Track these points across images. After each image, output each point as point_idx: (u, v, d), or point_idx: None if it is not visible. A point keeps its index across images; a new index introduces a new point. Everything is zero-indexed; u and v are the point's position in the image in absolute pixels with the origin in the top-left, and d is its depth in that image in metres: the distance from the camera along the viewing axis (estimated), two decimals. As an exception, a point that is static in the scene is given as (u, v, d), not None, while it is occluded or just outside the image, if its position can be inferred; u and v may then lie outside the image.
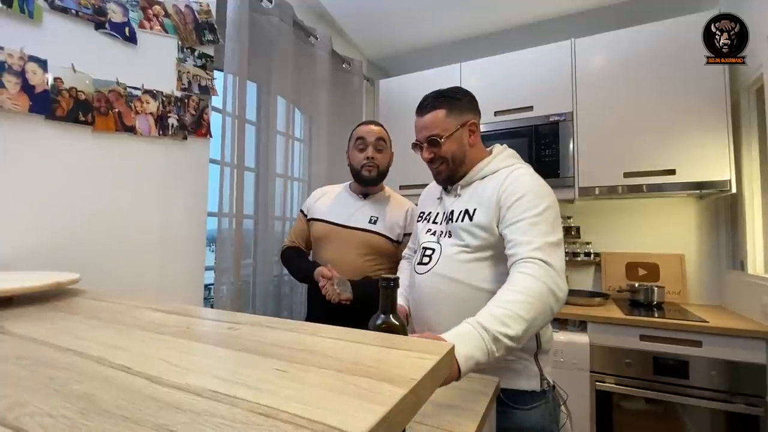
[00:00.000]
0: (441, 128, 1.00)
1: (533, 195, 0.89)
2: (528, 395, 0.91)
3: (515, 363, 0.92)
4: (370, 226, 1.35)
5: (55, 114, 1.00)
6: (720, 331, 1.49)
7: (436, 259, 0.98)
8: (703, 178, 1.75)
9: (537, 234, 0.83)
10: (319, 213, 1.43)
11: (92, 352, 0.41)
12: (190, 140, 1.34)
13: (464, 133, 1.01)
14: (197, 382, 0.33)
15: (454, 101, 1.00)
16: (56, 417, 0.27)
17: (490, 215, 0.91)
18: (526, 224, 0.85)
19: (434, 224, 1.06)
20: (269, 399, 0.29)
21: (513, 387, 0.90)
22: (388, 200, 1.44)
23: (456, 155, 1.01)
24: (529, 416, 0.89)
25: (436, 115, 1.00)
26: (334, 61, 2.28)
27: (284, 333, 0.49)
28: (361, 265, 1.32)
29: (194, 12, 1.36)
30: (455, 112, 1.00)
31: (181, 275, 1.32)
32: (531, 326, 0.75)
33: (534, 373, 0.92)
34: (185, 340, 0.46)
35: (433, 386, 0.37)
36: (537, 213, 0.86)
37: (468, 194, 1.00)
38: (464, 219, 0.96)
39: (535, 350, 0.93)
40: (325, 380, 0.34)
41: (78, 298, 0.73)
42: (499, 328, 0.72)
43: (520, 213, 0.87)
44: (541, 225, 0.85)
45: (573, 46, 2.03)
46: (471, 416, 0.69)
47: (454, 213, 0.99)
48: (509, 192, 0.90)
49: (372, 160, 1.36)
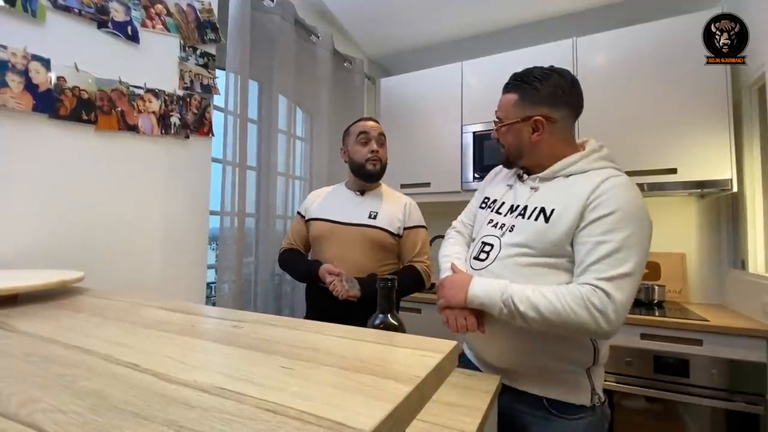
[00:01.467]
0: (504, 114, 0.96)
1: (623, 214, 0.80)
2: (575, 407, 0.86)
3: (565, 375, 0.87)
4: (370, 221, 1.36)
5: (59, 113, 1.01)
6: (721, 329, 1.50)
7: (494, 257, 0.92)
8: (704, 177, 1.75)
9: (613, 263, 0.77)
10: (317, 212, 1.43)
11: (99, 350, 0.41)
12: (193, 139, 1.35)
13: (526, 128, 0.92)
14: (204, 378, 0.33)
15: (530, 90, 0.91)
16: (67, 413, 0.27)
17: (570, 222, 0.83)
18: (606, 248, 0.78)
19: (498, 215, 0.97)
20: (276, 396, 0.30)
21: (561, 399, 0.86)
22: (386, 195, 1.45)
23: (512, 146, 0.95)
24: (573, 427, 0.85)
25: (507, 98, 0.96)
26: (336, 59, 2.28)
27: (288, 331, 0.49)
28: (364, 260, 1.32)
29: (196, 11, 1.36)
30: (526, 102, 0.92)
31: (184, 274, 1.32)
32: (544, 324, 0.79)
33: (585, 387, 0.87)
34: (190, 337, 0.47)
35: (438, 384, 0.38)
36: (621, 237, 0.78)
37: (547, 190, 0.90)
38: (539, 218, 0.87)
39: (590, 365, 0.87)
40: (330, 377, 0.34)
41: (82, 297, 0.73)
42: (515, 300, 0.80)
43: (602, 233, 0.79)
44: (620, 252, 0.78)
45: (574, 45, 2.03)
46: (473, 414, 0.69)
47: (528, 209, 0.90)
48: (598, 203, 0.81)
49: (376, 153, 1.37)
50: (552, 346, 0.86)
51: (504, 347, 0.90)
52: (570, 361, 0.86)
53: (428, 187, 2.36)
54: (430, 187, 2.36)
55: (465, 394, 0.78)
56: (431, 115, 2.40)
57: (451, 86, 2.33)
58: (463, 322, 0.87)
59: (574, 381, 0.86)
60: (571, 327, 0.78)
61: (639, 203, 0.82)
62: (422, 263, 1.39)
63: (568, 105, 0.92)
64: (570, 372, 0.87)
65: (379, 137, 1.39)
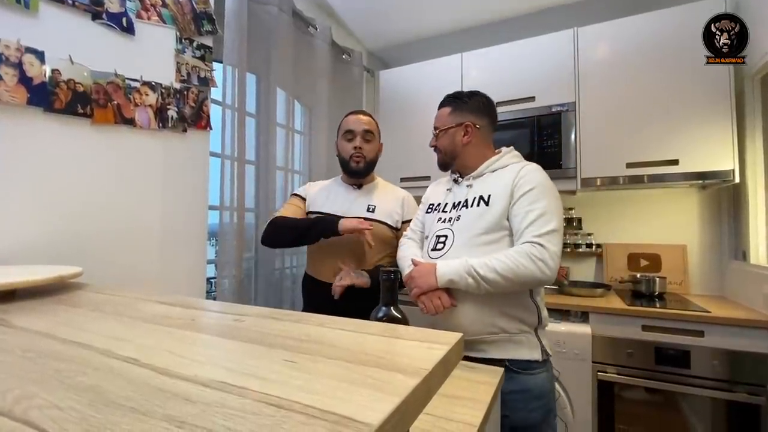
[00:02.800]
0: (441, 123, 1.19)
1: (541, 188, 1.04)
2: (532, 363, 1.03)
3: (518, 336, 1.04)
4: (369, 215, 1.35)
5: (54, 106, 0.99)
6: (722, 321, 1.50)
7: (450, 243, 1.08)
8: (706, 168, 1.74)
9: (541, 224, 0.99)
10: (317, 206, 1.41)
11: (97, 344, 0.40)
12: (190, 133, 1.33)
13: (458, 132, 1.16)
14: (205, 373, 0.32)
15: (460, 103, 1.17)
16: (64, 409, 0.27)
17: (505, 200, 1.04)
18: (534, 214, 1.00)
19: (444, 213, 1.16)
20: (279, 389, 0.29)
21: (518, 357, 1.03)
22: (382, 189, 1.44)
23: (447, 149, 1.18)
24: (535, 379, 1.02)
25: (442, 111, 1.20)
26: (334, 51, 2.25)
27: (290, 324, 0.48)
28: (365, 253, 1.31)
29: (192, 2, 1.34)
30: (458, 112, 1.17)
31: (183, 269, 1.31)
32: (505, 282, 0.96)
33: (535, 345, 1.05)
34: (190, 331, 0.46)
35: (444, 376, 0.37)
36: (543, 205, 1.01)
37: (480, 184, 1.12)
38: (479, 204, 1.08)
39: (536, 325, 1.06)
40: (335, 371, 0.33)
41: (81, 292, 0.72)
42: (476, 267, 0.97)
43: (529, 203, 1.02)
44: (545, 215, 1.00)
45: (575, 36, 2.01)
46: (477, 406, 0.69)
47: (468, 200, 1.11)
48: (523, 182, 1.04)
49: (360, 150, 1.35)
50: (507, 312, 1.03)
51: (470, 320, 1.04)
52: (520, 322, 1.04)
53: (428, 180, 2.35)
54: (431, 180, 2.34)
55: (467, 386, 0.78)
56: (431, 108, 2.33)
57: (451, 78, 2.31)
58: (438, 301, 1.02)
59: (527, 341, 1.04)
60: (524, 278, 0.95)
61: (549, 182, 1.07)
62: None
63: (488, 116, 1.18)
64: (523, 333, 1.04)
65: (365, 133, 1.36)
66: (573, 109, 1.98)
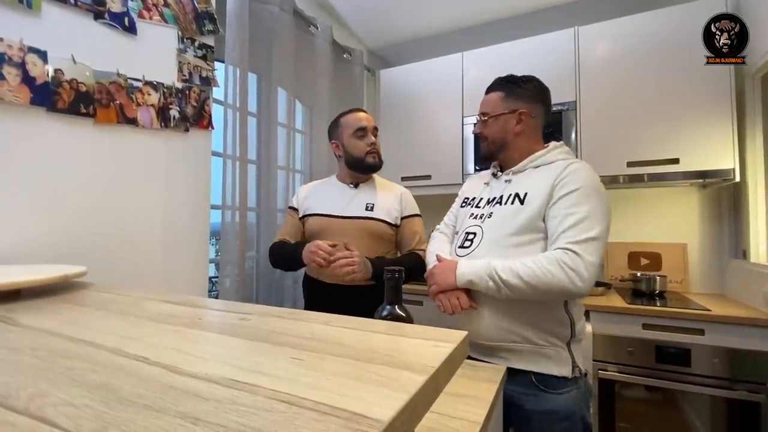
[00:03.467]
0: (491, 108, 1.07)
1: (586, 189, 0.93)
2: (560, 380, 0.93)
3: (547, 348, 0.94)
4: (367, 213, 1.35)
5: (57, 106, 0.99)
6: (722, 319, 1.50)
7: (478, 242, 1.01)
8: (706, 167, 1.75)
9: (580, 230, 0.89)
10: (312, 208, 1.40)
11: (106, 343, 0.41)
12: (192, 132, 1.33)
13: (511, 119, 1.05)
14: (215, 371, 0.33)
15: (515, 88, 1.06)
16: (79, 407, 0.27)
17: (542, 200, 0.95)
18: (573, 218, 0.90)
19: (477, 208, 1.09)
20: (289, 387, 0.29)
21: (545, 372, 0.93)
22: (380, 186, 1.44)
23: (496, 138, 1.07)
24: (561, 400, 0.92)
25: (493, 96, 1.08)
26: (335, 51, 2.25)
27: (295, 323, 0.49)
28: (365, 252, 1.31)
29: (194, 2, 1.34)
30: (512, 97, 1.05)
31: (185, 268, 1.32)
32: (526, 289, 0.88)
33: (566, 360, 0.94)
34: (197, 330, 0.46)
35: (450, 374, 0.37)
36: (586, 209, 0.91)
37: (519, 180, 1.03)
38: (514, 202, 0.99)
39: (569, 338, 0.95)
40: (343, 368, 0.34)
41: (85, 291, 0.73)
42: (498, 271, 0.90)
43: (569, 206, 0.92)
44: (586, 221, 0.90)
45: (576, 35, 2.01)
46: (480, 404, 0.69)
47: (503, 197, 1.02)
48: (566, 181, 0.94)
49: (374, 146, 1.36)
50: (534, 321, 0.94)
51: (490, 325, 0.97)
52: (551, 334, 0.94)
53: (429, 179, 2.35)
54: (431, 179, 2.35)
55: (470, 384, 0.78)
56: (432, 107, 2.38)
57: (452, 77, 2.31)
58: (456, 301, 0.96)
59: (556, 355, 0.94)
60: (550, 288, 0.87)
61: (598, 182, 0.96)
62: (423, 251, 1.38)
63: (544, 105, 1.08)
64: (552, 346, 0.94)
65: (374, 130, 1.39)
66: (574, 108, 1.99)
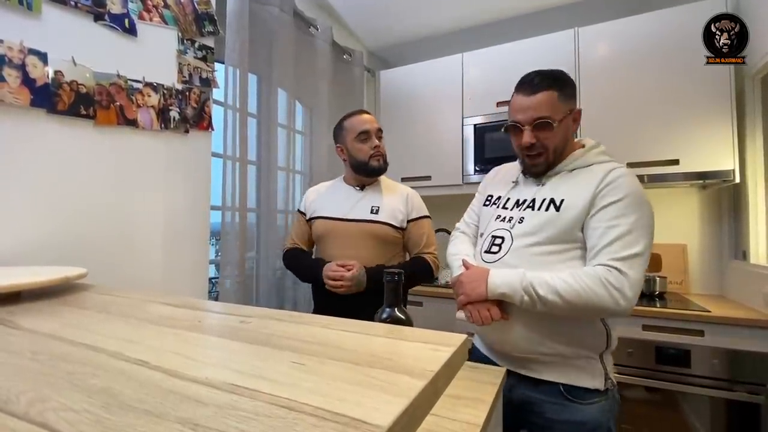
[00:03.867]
0: (553, 111, 0.91)
1: (631, 199, 0.86)
2: (590, 392, 0.89)
3: (580, 360, 0.89)
4: (372, 216, 1.34)
5: (57, 108, 1.00)
6: (722, 320, 1.50)
7: (506, 249, 0.94)
8: (706, 168, 1.75)
9: (624, 244, 0.82)
10: (318, 211, 1.41)
11: (107, 347, 0.41)
12: (192, 133, 1.33)
13: (570, 122, 0.94)
14: (216, 375, 0.33)
15: (566, 85, 0.93)
16: (79, 411, 0.27)
17: (581, 209, 0.87)
18: (617, 231, 0.83)
19: (505, 210, 1.00)
20: (289, 392, 0.29)
21: (576, 384, 0.89)
22: (386, 188, 1.43)
23: (559, 146, 0.94)
24: (588, 411, 0.88)
25: (548, 96, 0.91)
26: (335, 51, 2.25)
27: (296, 326, 0.49)
28: (369, 256, 1.31)
29: (194, 3, 1.34)
30: (565, 97, 0.92)
31: (186, 269, 1.32)
32: (565, 307, 0.82)
33: (599, 372, 0.90)
34: (198, 333, 0.46)
35: (450, 378, 0.37)
36: (630, 221, 0.84)
37: (554, 184, 0.95)
38: (549, 208, 0.91)
39: (603, 349, 0.90)
40: (343, 373, 0.34)
41: (86, 293, 0.73)
42: (535, 285, 0.83)
43: (613, 217, 0.85)
44: (630, 234, 0.83)
45: (576, 35, 2.01)
46: (480, 407, 0.69)
47: (536, 201, 0.94)
48: (608, 191, 0.87)
49: (378, 149, 1.36)
50: (567, 333, 0.88)
51: (520, 336, 0.91)
52: (584, 346, 0.89)
53: (429, 180, 2.36)
54: (431, 180, 2.35)
55: (471, 386, 0.78)
56: (432, 108, 2.38)
57: (452, 78, 2.31)
58: (487, 313, 0.89)
59: (589, 366, 0.89)
60: (591, 307, 0.81)
61: (642, 191, 0.89)
62: (431, 254, 1.38)
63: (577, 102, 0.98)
64: (584, 357, 0.89)
65: (377, 132, 1.38)
66: (573, 109, 1.99)
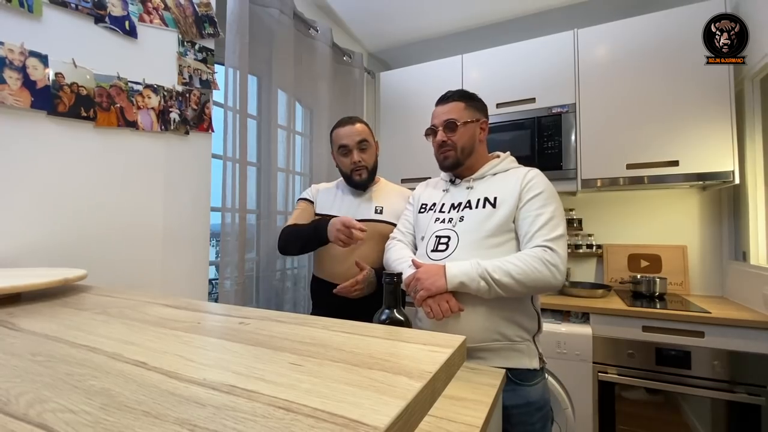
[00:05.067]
0: (458, 116, 1.13)
1: (548, 194, 1.05)
2: (531, 373, 1.01)
3: (519, 344, 1.02)
4: (377, 216, 1.36)
5: (57, 110, 1.00)
6: (722, 321, 1.50)
7: (454, 245, 1.06)
8: (706, 169, 1.75)
9: (551, 228, 1.00)
10: (324, 208, 1.42)
11: (106, 348, 0.41)
12: (192, 135, 1.34)
13: (477, 128, 1.14)
14: (214, 376, 0.33)
15: (472, 100, 1.16)
16: (78, 413, 0.27)
17: (513, 203, 1.04)
18: (543, 218, 1.01)
19: (442, 213, 1.14)
20: (287, 393, 0.30)
21: (520, 366, 1.00)
22: (387, 189, 1.45)
23: (466, 145, 1.13)
24: (534, 391, 1.01)
25: (456, 105, 1.15)
26: (335, 53, 2.26)
27: (295, 327, 0.49)
28: (374, 255, 1.32)
29: (194, 5, 1.34)
30: (472, 108, 1.15)
31: (186, 270, 1.32)
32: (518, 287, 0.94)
33: (534, 353, 1.03)
34: (197, 335, 0.47)
35: (447, 379, 0.37)
36: (551, 209, 1.02)
37: (483, 186, 1.12)
38: (485, 205, 1.07)
39: (536, 332, 1.05)
40: (341, 374, 0.34)
41: (86, 294, 0.73)
42: (490, 271, 0.94)
43: (538, 207, 1.02)
44: (553, 220, 1.01)
45: (576, 37, 2.01)
46: (479, 407, 0.69)
47: (472, 201, 1.10)
48: (530, 186, 1.05)
49: (359, 163, 1.34)
50: (509, 316, 1.01)
51: (474, 326, 1.00)
52: (522, 328, 1.02)
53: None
54: (431, 181, 2.35)
55: (469, 387, 0.79)
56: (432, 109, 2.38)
57: (452, 79, 2.32)
58: (446, 305, 0.98)
59: (527, 349, 1.02)
60: (537, 283, 0.94)
61: (552, 186, 1.08)
62: None
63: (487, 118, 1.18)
64: (523, 341, 1.02)
65: (359, 144, 1.34)
66: (573, 110, 1.99)
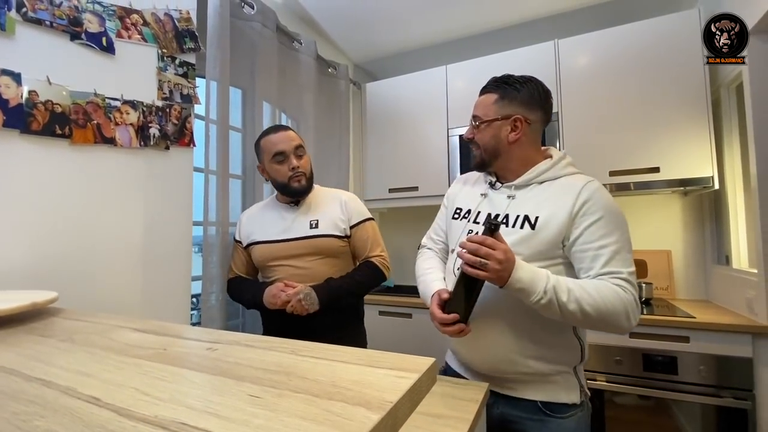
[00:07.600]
0: (483, 112, 0.97)
1: (611, 216, 0.85)
2: (567, 406, 0.89)
3: (555, 376, 0.89)
4: (312, 231, 1.28)
5: (30, 128, 0.98)
6: (707, 326, 1.51)
7: None
8: (686, 175, 1.78)
9: (622, 262, 0.82)
10: (254, 235, 1.35)
11: (61, 381, 0.39)
12: (173, 150, 1.32)
13: (505, 126, 0.94)
14: (166, 413, 0.32)
15: (511, 91, 0.95)
16: (12, 461, 0.26)
17: (559, 227, 0.85)
18: (608, 250, 0.82)
19: (476, 224, 0.97)
20: (238, 430, 0.29)
21: (554, 400, 0.88)
22: (320, 198, 1.37)
23: (489, 145, 0.96)
24: (566, 424, 0.88)
25: (487, 98, 0.98)
26: (320, 65, 2.27)
27: (263, 353, 0.48)
28: (319, 272, 1.26)
29: (174, 20, 1.34)
30: (507, 100, 0.94)
31: (167, 288, 1.30)
32: (583, 319, 0.79)
33: (574, 386, 0.90)
34: (160, 363, 0.45)
35: (413, 405, 0.37)
36: (616, 239, 0.83)
37: (525, 197, 0.92)
38: (524, 226, 0.89)
39: (577, 363, 0.91)
40: (300, 406, 0.33)
41: (55, 318, 0.71)
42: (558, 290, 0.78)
43: (599, 238, 0.83)
44: (621, 252, 0.83)
45: (556, 47, 2.05)
46: (460, 426, 0.68)
47: (510, 217, 0.92)
48: (587, 209, 0.85)
49: (298, 169, 1.29)
50: (544, 352, 0.88)
51: (500, 358, 0.89)
52: (559, 362, 0.89)
53: (416, 191, 2.36)
54: (418, 191, 2.36)
55: (452, 404, 0.78)
56: (417, 119, 2.40)
57: (437, 90, 2.34)
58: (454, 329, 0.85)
59: (564, 381, 0.89)
60: (606, 322, 0.80)
61: (615, 204, 0.88)
62: (378, 257, 1.33)
63: (542, 110, 0.96)
64: (559, 373, 0.89)
65: (296, 150, 1.29)
66: (556, 119, 2.02)
